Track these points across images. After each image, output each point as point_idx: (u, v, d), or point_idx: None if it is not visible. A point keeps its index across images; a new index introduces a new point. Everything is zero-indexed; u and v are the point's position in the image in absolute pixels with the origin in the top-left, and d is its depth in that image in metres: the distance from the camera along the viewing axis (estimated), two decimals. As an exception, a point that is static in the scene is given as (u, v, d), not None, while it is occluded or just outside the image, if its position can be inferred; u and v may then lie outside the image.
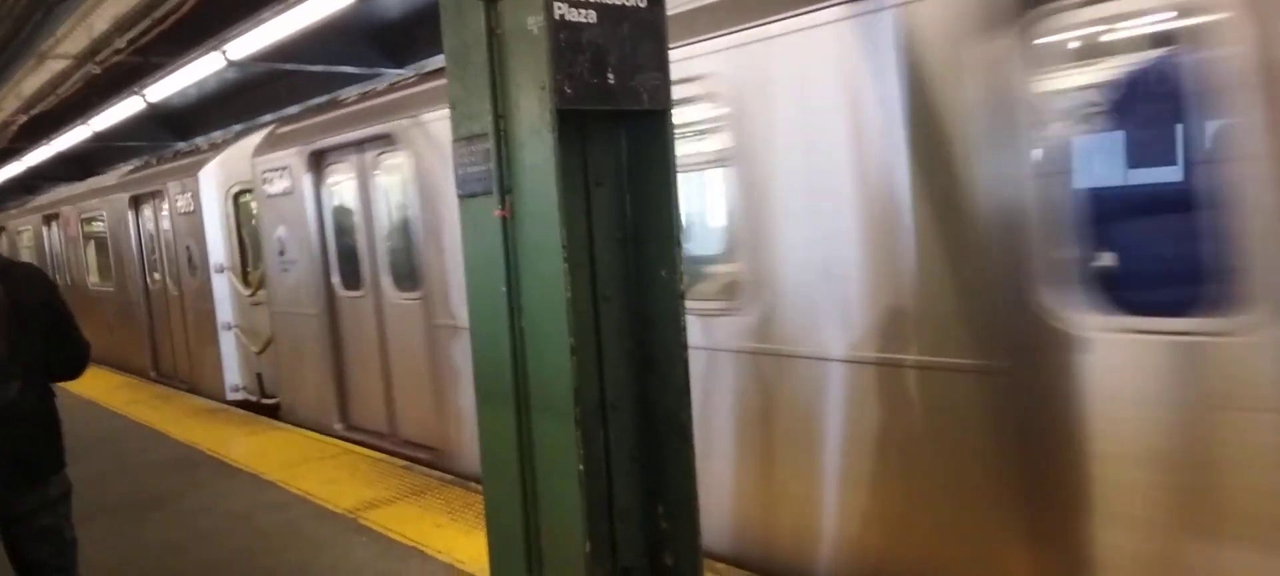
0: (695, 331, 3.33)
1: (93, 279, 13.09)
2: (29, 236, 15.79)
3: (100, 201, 12.01)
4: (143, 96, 9.52)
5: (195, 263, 9.28)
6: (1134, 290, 2.97)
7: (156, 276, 10.62)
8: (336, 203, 7.09)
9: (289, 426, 7.78)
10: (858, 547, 3.72)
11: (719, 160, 4.11)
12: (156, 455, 7.22)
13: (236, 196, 8.96)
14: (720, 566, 4.03)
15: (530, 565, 2.83)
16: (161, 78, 8.90)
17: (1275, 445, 2.61)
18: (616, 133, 2.90)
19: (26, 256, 15.25)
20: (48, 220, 14.56)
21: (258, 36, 6.73)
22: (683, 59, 3.62)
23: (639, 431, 3.00)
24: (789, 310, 3.80)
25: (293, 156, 7.20)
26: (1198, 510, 2.80)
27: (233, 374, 9.16)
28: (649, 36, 2.70)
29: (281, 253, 7.61)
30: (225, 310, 9.04)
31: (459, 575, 4.27)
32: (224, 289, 9.02)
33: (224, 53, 7.08)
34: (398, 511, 5.24)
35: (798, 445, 3.84)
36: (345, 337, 7.18)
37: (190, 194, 9.10)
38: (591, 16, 2.56)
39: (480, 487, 3.40)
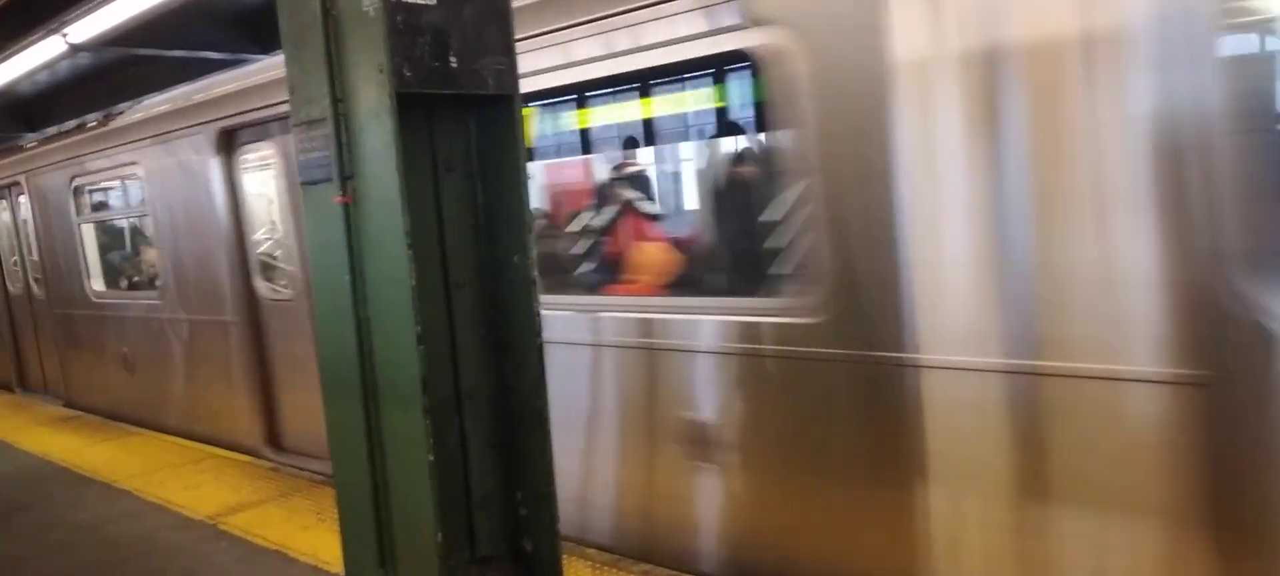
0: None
1: None
2: None
3: None
4: (-23, 84, 8.80)
5: None
6: None
7: None
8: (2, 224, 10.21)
9: (149, 432, 7.39)
10: None
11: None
12: (1, 466, 6.74)
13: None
14: (590, 551, 4.06)
15: (383, 559, 2.77)
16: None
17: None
18: (464, 118, 2.86)
19: None
20: None
21: (101, 18, 6.29)
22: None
23: (496, 418, 2.98)
24: None
25: None
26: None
27: None
28: (493, 21, 2.67)
29: None
30: None
31: (323, 575, 4.15)
32: None
33: (65, 36, 6.58)
34: (263, 515, 5.05)
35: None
36: (16, 322, 10.27)
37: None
38: (431, -1, 2.52)
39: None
